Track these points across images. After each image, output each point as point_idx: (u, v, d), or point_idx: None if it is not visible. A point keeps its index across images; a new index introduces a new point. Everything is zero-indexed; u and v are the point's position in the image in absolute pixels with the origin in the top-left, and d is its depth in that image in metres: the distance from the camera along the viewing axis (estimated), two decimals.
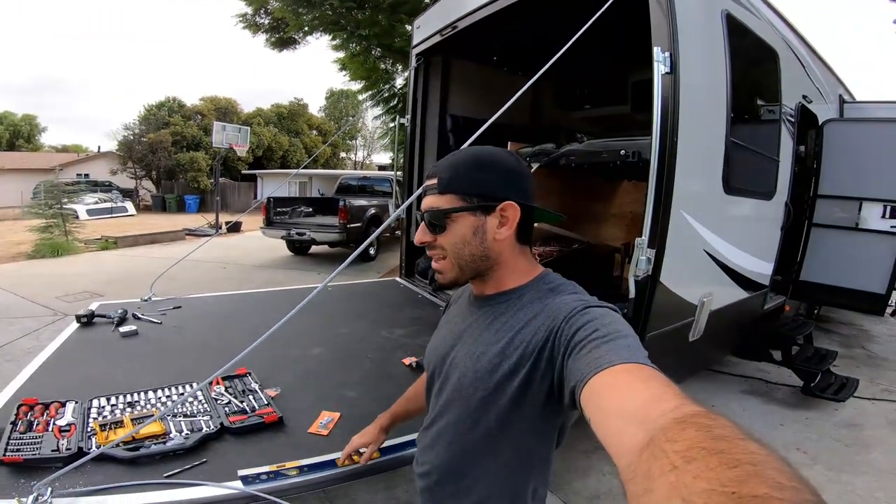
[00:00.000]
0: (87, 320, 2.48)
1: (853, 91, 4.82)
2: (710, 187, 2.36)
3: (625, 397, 0.53)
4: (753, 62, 2.90)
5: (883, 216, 3.34)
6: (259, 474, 1.24)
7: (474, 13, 2.95)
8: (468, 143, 1.62)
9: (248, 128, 14.74)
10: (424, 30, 3.63)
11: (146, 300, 2.93)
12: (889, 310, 3.98)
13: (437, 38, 3.41)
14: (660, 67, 1.94)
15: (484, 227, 0.81)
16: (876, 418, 3.26)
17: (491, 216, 0.81)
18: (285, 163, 24.95)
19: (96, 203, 15.79)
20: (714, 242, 2.45)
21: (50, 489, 1.10)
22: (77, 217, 11.16)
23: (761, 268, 3.05)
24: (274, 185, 21.06)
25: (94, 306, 2.66)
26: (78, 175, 21.72)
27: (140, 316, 2.63)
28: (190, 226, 12.30)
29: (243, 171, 22.99)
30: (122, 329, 2.39)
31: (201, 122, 22.94)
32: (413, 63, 3.86)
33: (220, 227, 11.89)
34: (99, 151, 26.77)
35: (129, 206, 17.38)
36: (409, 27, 6.59)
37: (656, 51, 1.94)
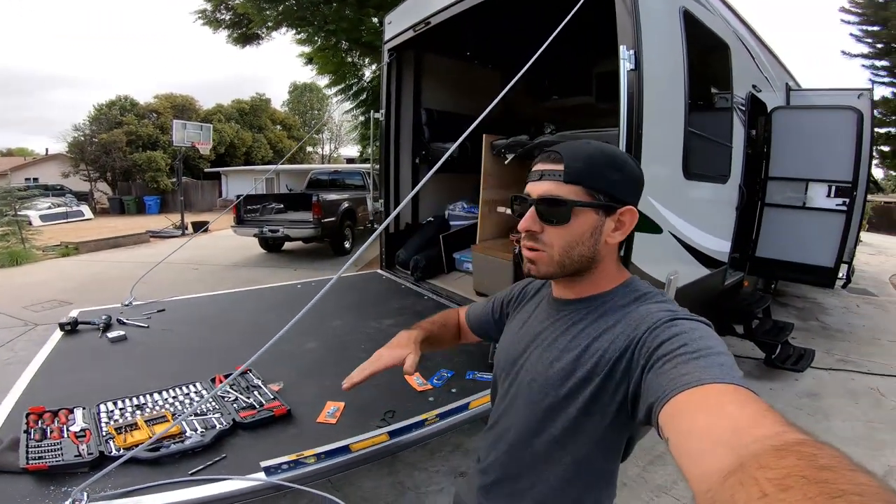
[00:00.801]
0: (71, 328, 2.45)
1: (822, 78, 5.14)
2: (672, 173, 2.53)
3: (714, 419, 0.48)
4: (707, 55, 3.07)
5: (828, 195, 3.60)
6: (280, 464, 1.30)
7: (448, 9, 3.02)
8: (461, 138, 1.71)
9: (210, 125, 14.31)
10: (396, 25, 3.67)
11: (127, 305, 2.90)
12: (839, 282, 4.31)
13: (410, 34, 3.46)
14: (625, 65, 2.06)
15: (601, 228, 0.77)
16: (833, 388, 3.51)
17: (610, 218, 0.77)
18: (249, 159, 24.35)
19: (50, 208, 15.03)
20: (677, 224, 2.63)
21: (86, 494, 1.14)
22: (31, 223, 10.65)
23: (720, 246, 3.26)
24: (239, 181, 20.55)
25: (75, 313, 2.63)
26: (27, 180, 20.61)
27: (125, 321, 2.62)
28: (153, 227, 11.91)
29: (206, 170, 22.29)
30: (110, 335, 2.39)
31: (157, 120, 22.06)
32: (385, 58, 3.90)
33: (187, 227, 11.58)
34: (48, 154, 25.40)
35: (86, 209, 16.60)
36: (376, 20, 6.56)
37: (622, 49, 2.07)
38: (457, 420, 1.72)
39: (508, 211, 3.35)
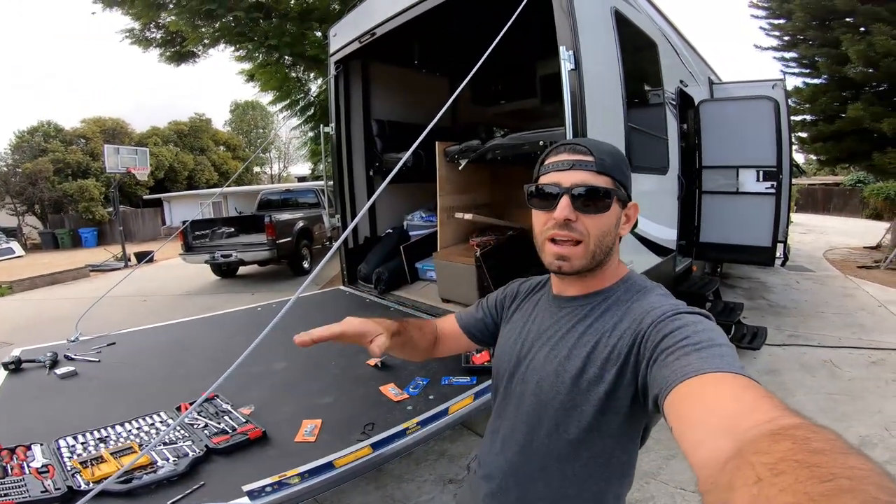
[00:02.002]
0: (15, 367, 2.31)
1: (740, 71, 5.47)
2: None
3: (713, 406, 0.50)
4: (638, 53, 3.24)
5: (757, 180, 3.86)
6: (263, 487, 1.27)
7: (393, 19, 3.05)
8: (413, 147, 1.73)
9: (147, 149, 13.60)
10: (341, 37, 3.67)
11: (74, 341, 2.75)
12: (778, 261, 4.62)
13: (356, 45, 3.46)
14: (566, 65, 2.16)
15: (619, 219, 0.81)
16: (789, 363, 3.71)
17: (623, 211, 0.81)
18: (193, 183, 23.29)
19: None
20: None
21: None
22: None
23: (668, 234, 3.43)
24: (183, 207, 19.64)
25: (17, 352, 2.48)
26: None
27: (73, 356, 2.48)
28: (93, 261, 11.17)
29: (145, 197, 21.17)
30: (59, 371, 2.27)
31: (86, 146, 20.73)
32: (332, 71, 3.88)
33: (130, 259, 10.95)
34: None
35: (16, 246, 15.29)
36: (319, 33, 6.49)
37: (562, 50, 2.16)
38: (438, 426, 1.73)
39: (467, 216, 3.40)
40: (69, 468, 1.37)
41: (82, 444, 1.55)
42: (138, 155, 11.94)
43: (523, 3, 2.09)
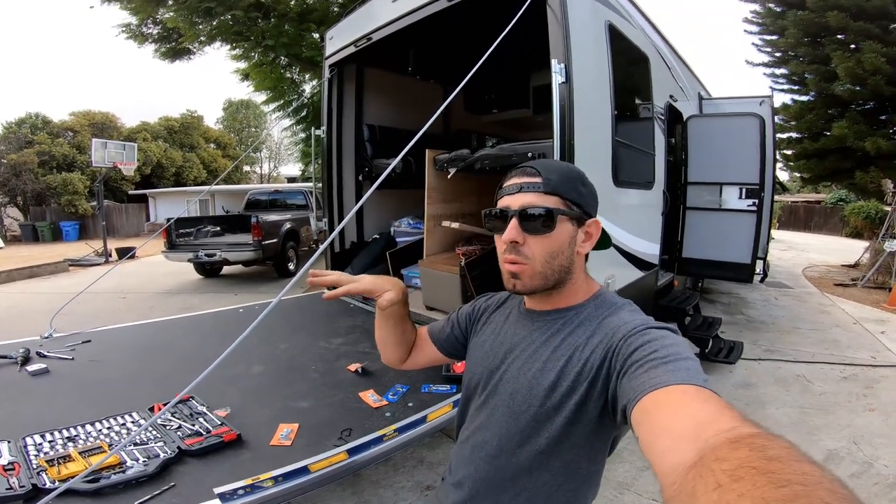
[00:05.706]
0: None
1: (732, 87, 5.55)
2: (603, 181, 2.65)
3: (677, 416, 0.52)
4: (630, 67, 3.28)
5: (740, 197, 3.90)
6: (236, 490, 1.25)
7: (390, 25, 3.05)
8: (403, 153, 1.74)
9: (135, 144, 13.42)
10: (337, 41, 3.67)
11: (47, 337, 2.69)
12: (757, 277, 4.69)
13: (352, 50, 3.47)
14: (557, 78, 2.19)
15: (575, 238, 0.82)
16: (764, 377, 3.76)
17: (580, 229, 0.82)
18: (180, 180, 23.00)
19: None
20: (610, 230, 2.78)
21: None
22: None
23: (651, 249, 3.45)
24: (169, 204, 19.41)
25: None
26: None
27: (46, 353, 2.43)
28: (72, 255, 10.95)
29: (130, 192, 20.84)
30: (30, 368, 2.22)
31: (73, 139, 20.39)
32: (327, 74, 3.88)
33: (111, 254, 10.76)
34: None
35: None
36: (316, 35, 6.49)
37: (553, 63, 2.19)
38: (416, 434, 1.72)
39: (454, 225, 3.41)
40: (35, 466, 1.35)
41: (50, 442, 1.52)
42: (126, 150, 11.76)
43: (519, 14, 2.12)
